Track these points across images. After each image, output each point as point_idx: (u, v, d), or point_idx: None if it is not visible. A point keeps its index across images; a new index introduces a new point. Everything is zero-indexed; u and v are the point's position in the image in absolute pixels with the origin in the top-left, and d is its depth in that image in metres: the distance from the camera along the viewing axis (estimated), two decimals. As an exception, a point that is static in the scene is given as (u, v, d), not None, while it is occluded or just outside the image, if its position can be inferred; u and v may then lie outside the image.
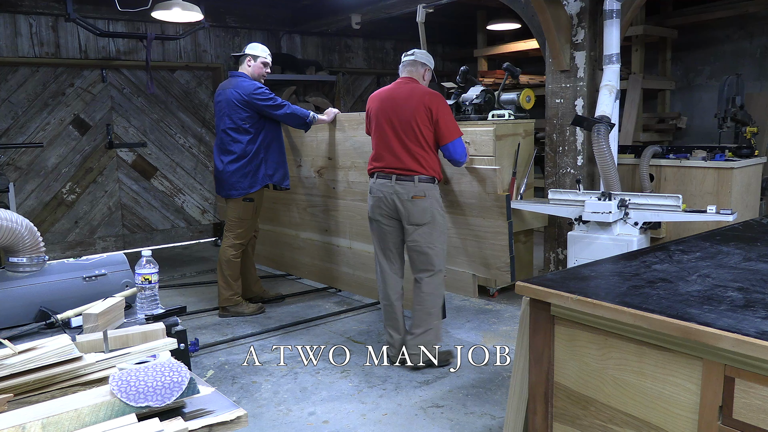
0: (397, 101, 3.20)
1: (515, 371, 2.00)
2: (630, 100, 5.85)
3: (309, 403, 3.01)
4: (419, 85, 3.27)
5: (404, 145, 3.18)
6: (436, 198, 3.23)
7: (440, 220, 3.25)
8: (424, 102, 3.15)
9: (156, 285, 1.98)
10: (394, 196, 3.19)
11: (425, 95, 3.17)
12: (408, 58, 3.34)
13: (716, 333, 1.31)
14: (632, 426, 1.53)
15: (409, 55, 3.34)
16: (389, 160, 3.22)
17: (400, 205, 3.19)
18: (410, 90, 3.22)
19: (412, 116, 3.14)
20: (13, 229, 1.90)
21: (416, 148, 3.17)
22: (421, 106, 3.14)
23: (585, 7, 4.25)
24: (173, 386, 1.24)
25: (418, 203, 3.17)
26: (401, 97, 3.20)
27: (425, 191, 3.17)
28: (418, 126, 3.15)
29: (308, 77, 7.16)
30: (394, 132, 3.20)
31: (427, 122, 3.15)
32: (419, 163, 3.17)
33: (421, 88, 3.23)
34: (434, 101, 3.16)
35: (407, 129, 3.16)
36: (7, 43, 5.79)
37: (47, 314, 1.89)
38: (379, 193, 3.26)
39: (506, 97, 4.64)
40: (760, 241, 2.23)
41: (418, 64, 3.32)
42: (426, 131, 3.16)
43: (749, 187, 4.23)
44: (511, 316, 4.20)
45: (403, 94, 3.21)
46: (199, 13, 5.18)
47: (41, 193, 6.20)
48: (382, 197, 3.24)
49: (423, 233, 3.20)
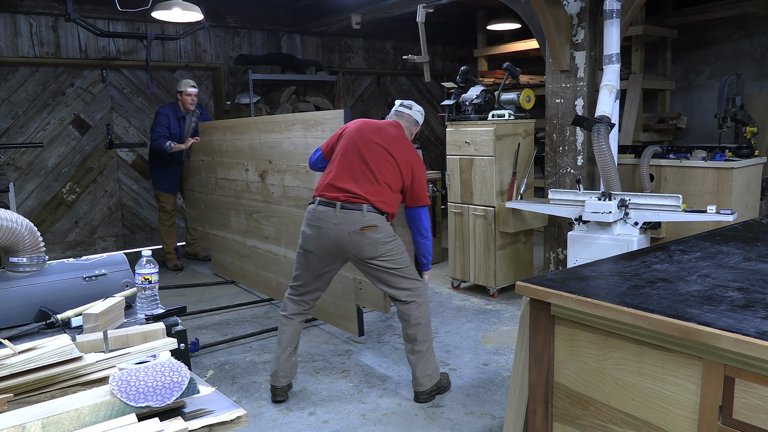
0: (383, 136, 2.89)
1: (515, 371, 2.00)
2: (630, 100, 5.85)
3: (309, 403, 3.00)
4: (407, 139, 3.01)
5: (367, 171, 2.81)
6: (387, 228, 2.82)
7: (395, 246, 2.84)
8: (408, 154, 2.89)
9: (156, 285, 1.98)
10: (338, 228, 2.74)
11: (412, 149, 2.94)
12: (406, 111, 3.09)
13: (716, 333, 1.31)
14: (632, 426, 1.53)
15: (407, 108, 3.10)
16: (339, 181, 2.80)
17: (345, 239, 2.75)
18: (399, 136, 2.94)
19: (392, 156, 2.84)
20: (13, 229, 1.90)
21: (381, 178, 2.80)
22: (404, 155, 2.87)
23: (585, 7, 4.25)
24: (173, 386, 1.24)
25: (368, 235, 2.74)
26: (388, 136, 2.90)
27: (376, 222, 2.76)
28: (396, 166, 2.84)
29: (308, 77, 7.16)
30: (362, 158, 2.83)
31: (402, 172, 2.85)
32: (375, 192, 2.78)
33: (409, 142, 2.98)
34: (419, 160, 2.93)
35: (380, 161, 2.83)
36: (7, 43, 5.79)
37: (47, 314, 1.89)
38: (319, 222, 2.79)
39: (506, 97, 4.64)
40: (760, 241, 2.23)
41: (412, 121, 3.09)
42: (397, 177, 2.85)
43: (749, 187, 4.23)
44: (511, 316, 4.20)
45: (391, 135, 2.92)
46: (199, 13, 5.18)
47: (41, 193, 6.20)
48: (322, 228, 2.78)
49: (382, 264, 2.81)
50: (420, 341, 2.92)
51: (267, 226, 4.36)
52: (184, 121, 5.62)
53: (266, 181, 4.31)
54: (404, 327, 2.94)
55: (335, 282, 3.53)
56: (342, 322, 3.70)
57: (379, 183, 2.81)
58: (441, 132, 8.98)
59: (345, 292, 3.56)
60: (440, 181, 5.68)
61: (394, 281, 2.87)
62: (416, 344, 2.92)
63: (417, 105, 3.15)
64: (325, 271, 2.94)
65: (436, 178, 5.66)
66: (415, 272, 2.96)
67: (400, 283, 2.87)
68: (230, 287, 5.18)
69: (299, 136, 3.85)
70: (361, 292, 3.46)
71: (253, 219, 4.55)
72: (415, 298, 2.90)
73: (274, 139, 4.16)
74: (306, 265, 2.93)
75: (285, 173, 4.06)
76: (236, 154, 4.71)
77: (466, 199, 4.63)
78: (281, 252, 4.21)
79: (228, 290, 5.10)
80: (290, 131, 3.98)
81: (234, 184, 4.79)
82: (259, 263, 4.57)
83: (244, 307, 4.61)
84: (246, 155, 4.57)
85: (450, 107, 4.69)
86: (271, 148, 4.21)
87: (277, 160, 4.13)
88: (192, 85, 5.57)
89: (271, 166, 4.24)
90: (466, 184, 4.60)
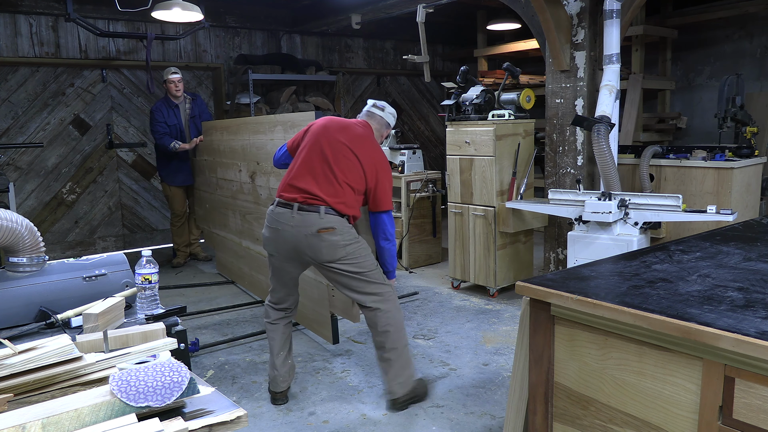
0: (348, 135, 2.78)
1: (515, 371, 2.00)
2: (630, 100, 5.85)
3: (309, 403, 3.00)
4: (374, 140, 2.89)
5: (328, 171, 2.70)
6: (347, 230, 2.72)
7: (357, 249, 2.74)
8: (374, 156, 2.79)
9: (156, 285, 1.97)
10: (295, 230, 2.67)
11: (379, 151, 2.83)
12: (378, 113, 2.97)
13: (716, 333, 1.31)
14: (632, 426, 1.53)
15: (379, 109, 2.98)
16: (298, 181, 2.72)
17: (302, 241, 2.67)
18: (366, 135, 2.84)
19: (356, 156, 2.73)
20: (13, 229, 1.90)
21: (342, 178, 2.70)
22: (370, 156, 2.77)
23: (585, 7, 4.25)
24: (173, 386, 1.24)
25: (326, 237, 2.65)
26: (354, 135, 2.79)
27: (334, 224, 2.66)
28: (360, 167, 2.73)
29: (308, 77, 7.16)
30: (324, 158, 2.72)
31: (366, 174, 2.75)
32: (334, 193, 2.68)
33: (376, 143, 2.87)
34: (385, 162, 2.83)
35: (343, 161, 2.72)
36: (7, 43, 5.79)
37: (47, 314, 1.89)
38: (276, 224, 2.73)
39: (506, 97, 4.64)
40: (760, 241, 2.23)
41: (384, 123, 2.98)
42: (360, 179, 2.74)
43: (749, 187, 4.23)
44: (511, 316, 4.20)
45: (357, 134, 2.81)
46: (199, 13, 5.18)
47: (41, 193, 6.20)
48: (279, 230, 2.72)
49: (343, 267, 2.71)
50: (388, 348, 2.81)
51: (257, 228, 4.34)
52: (178, 109, 5.64)
53: (255, 182, 4.30)
54: (373, 334, 2.85)
55: (312, 287, 3.51)
56: (319, 329, 3.68)
57: (340, 184, 2.70)
58: (441, 132, 8.98)
59: (320, 298, 3.52)
60: (440, 181, 5.69)
61: (358, 286, 2.75)
62: (384, 351, 2.82)
63: (390, 107, 3.04)
64: (288, 275, 2.88)
65: (436, 178, 5.67)
66: (382, 276, 2.83)
67: (364, 287, 2.76)
68: (230, 287, 5.18)
69: (280, 138, 3.84)
70: (333, 299, 3.43)
71: (247, 220, 4.55)
72: (381, 304, 2.77)
73: (260, 140, 4.15)
74: (271, 269, 2.90)
75: (270, 175, 4.04)
76: (231, 154, 4.72)
77: (466, 199, 4.63)
78: None
79: (228, 290, 5.10)
80: (272, 132, 3.97)
81: (231, 185, 4.80)
82: (252, 264, 4.57)
83: (245, 308, 4.61)
84: (239, 156, 4.57)
85: (450, 107, 4.69)
86: (258, 150, 4.20)
87: (263, 162, 4.11)
88: (173, 71, 5.55)
89: (258, 168, 4.22)
90: (466, 184, 4.60)
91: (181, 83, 5.58)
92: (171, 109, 5.59)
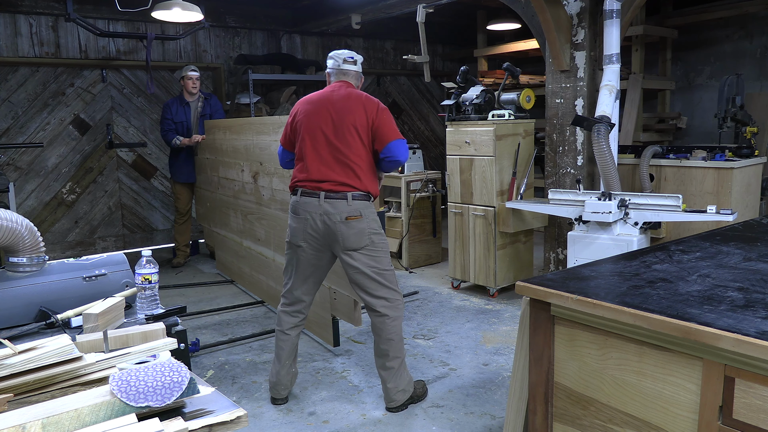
0: (333, 104, 2.77)
1: (515, 371, 2.00)
2: (630, 100, 5.85)
3: (309, 403, 3.00)
4: (356, 90, 2.87)
5: (337, 153, 2.73)
6: (374, 218, 2.78)
7: (379, 241, 2.80)
8: (363, 103, 2.77)
9: (156, 285, 1.97)
10: (324, 218, 2.72)
11: (363, 96, 2.80)
12: (352, 68, 2.93)
13: (716, 333, 1.31)
14: (632, 426, 1.53)
15: (351, 63, 2.93)
16: (317, 173, 2.75)
17: (332, 228, 2.72)
18: (347, 93, 2.81)
19: (351, 120, 2.73)
20: (13, 229, 1.90)
21: (352, 156, 2.73)
22: (360, 107, 2.75)
23: (585, 7, 4.25)
24: (173, 386, 1.24)
25: (353, 225, 2.71)
26: (337, 100, 2.78)
27: (361, 211, 2.72)
28: (357, 131, 2.73)
29: (308, 77, 7.16)
30: (326, 139, 2.75)
31: (366, 127, 2.74)
32: (353, 175, 2.73)
33: (358, 92, 2.84)
34: (374, 103, 2.79)
35: (342, 135, 2.73)
36: (7, 43, 5.79)
37: (47, 314, 1.89)
38: (305, 214, 2.76)
39: (506, 97, 4.64)
40: (760, 241, 2.23)
41: (358, 76, 2.96)
42: (365, 137, 2.75)
43: (749, 187, 4.23)
44: (511, 316, 4.20)
45: (340, 96, 2.80)
46: (199, 13, 5.18)
47: (41, 193, 6.20)
48: (308, 220, 2.75)
49: (363, 259, 2.75)
50: (392, 357, 2.82)
51: (259, 228, 4.34)
52: (189, 108, 5.79)
53: (258, 182, 4.29)
54: (376, 341, 2.84)
55: None
56: (320, 331, 3.68)
57: (354, 161, 2.73)
58: (441, 132, 8.98)
59: (322, 300, 3.52)
60: (440, 181, 5.69)
61: (371, 287, 2.77)
62: (388, 360, 2.82)
63: (357, 54, 2.98)
64: (312, 268, 2.86)
65: (436, 178, 5.67)
66: (395, 281, 2.85)
67: (377, 290, 2.78)
68: (230, 287, 5.18)
69: None
70: (335, 302, 3.43)
71: (248, 220, 4.54)
72: (389, 311, 2.79)
73: (264, 141, 4.13)
74: (296, 264, 2.87)
75: (273, 176, 4.03)
76: (234, 154, 4.71)
77: (466, 199, 4.63)
78: (270, 255, 4.20)
79: (228, 290, 5.10)
80: (276, 134, 3.92)
81: (232, 184, 4.79)
82: (252, 264, 4.57)
83: (245, 308, 4.61)
84: (242, 156, 4.55)
85: (450, 107, 4.69)
86: (261, 150, 4.18)
87: (267, 163, 4.09)
88: (193, 69, 5.76)
89: (261, 168, 4.20)
90: (466, 184, 4.60)
91: (198, 81, 5.78)
92: (182, 106, 5.76)
